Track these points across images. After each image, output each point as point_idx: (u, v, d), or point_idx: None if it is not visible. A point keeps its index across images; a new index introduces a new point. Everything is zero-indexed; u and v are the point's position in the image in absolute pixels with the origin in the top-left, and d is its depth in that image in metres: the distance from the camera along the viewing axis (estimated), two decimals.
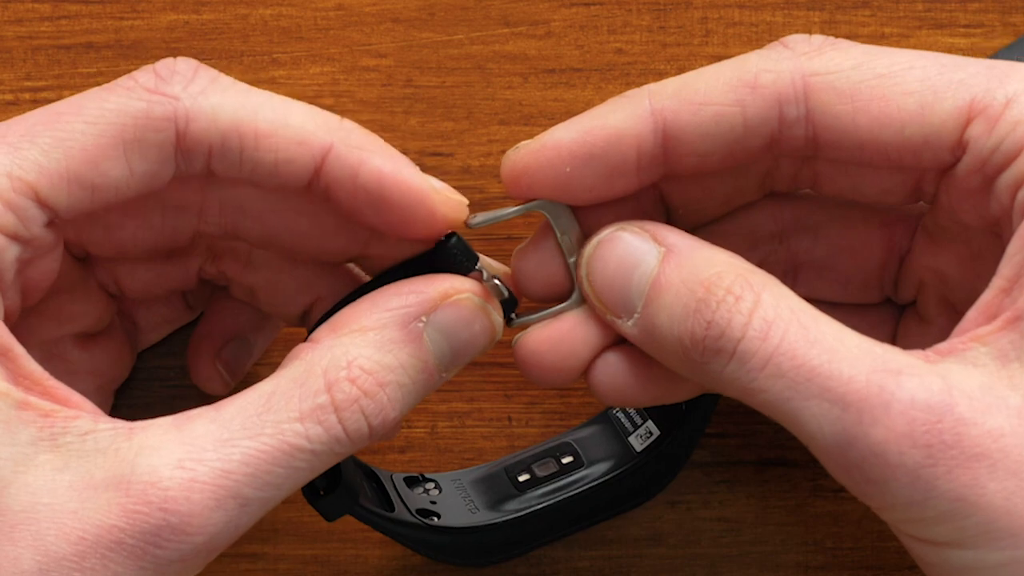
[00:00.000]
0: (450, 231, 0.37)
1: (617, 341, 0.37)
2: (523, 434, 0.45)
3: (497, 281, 0.37)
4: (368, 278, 0.40)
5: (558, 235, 0.37)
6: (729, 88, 0.35)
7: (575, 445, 0.43)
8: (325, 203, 0.37)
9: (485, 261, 0.38)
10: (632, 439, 0.43)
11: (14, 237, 0.34)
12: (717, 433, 0.45)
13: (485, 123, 0.47)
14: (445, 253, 0.37)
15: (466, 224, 0.37)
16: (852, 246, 0.39)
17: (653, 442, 0.42)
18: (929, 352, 0.33)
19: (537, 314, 0.38)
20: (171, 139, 0.35)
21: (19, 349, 0.33)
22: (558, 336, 0.37)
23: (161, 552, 0.32)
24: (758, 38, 0.47)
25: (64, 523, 0.31)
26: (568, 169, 0.36)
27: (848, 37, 0.37)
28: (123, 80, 0.35)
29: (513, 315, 0.38)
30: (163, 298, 0.42)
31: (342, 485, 0.37)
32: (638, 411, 0.43)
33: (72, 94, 0.35)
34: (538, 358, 0.37)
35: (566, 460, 0.43)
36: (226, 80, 0.36)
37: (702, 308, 0.34)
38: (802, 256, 0.40)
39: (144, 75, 0.35)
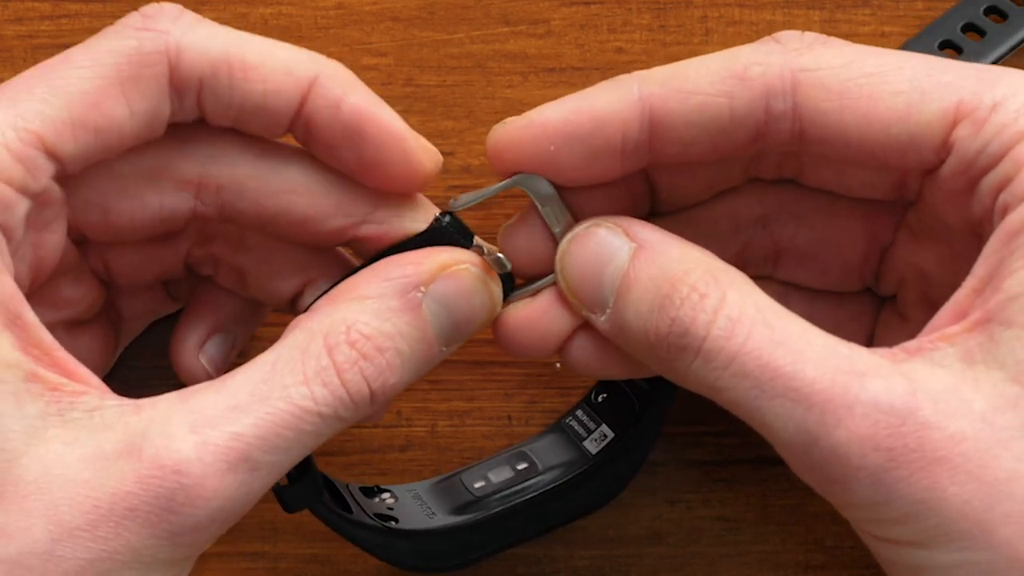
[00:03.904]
0: (443, 210, 0.38)
1: None
2: (523, 433, 0.45)
3: (500, 255, 0.37)
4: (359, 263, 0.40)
5: (539, 208, 0.37)
6: (718, 79, 0.35)
7: (530, 454, 0.43)
8: (320, 177, 0.38)
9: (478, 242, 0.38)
10: (587, 443, 0.43)
11: (23, 191, 0.34)
12: (716, 432, 0.45)
13: (485, 122, 0.47)
14: (440, 232, 0.38)
15: (449, 206, 0.38)
16: (835, 236, 0.39)
17: (608, 444, 0.42)
18: (896, 351, 0.33)
19: (523, 289, 0.38)
20: (165, 72, 0.35)
21: (31, 316, 0.33)
22: (536, 315, 0.37)
23: (175, 519, 0.32)
24: (758, 37, 0.46)
25: (77, 492, 0.31)
26: (552, 148, 0.36)
27: (848, 36, 0.37)
28: (111, 25, 0.36)
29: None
30: (149, 286, 0.42)
31: (309, 476, 0.37)
32: (591, 417, 0.43)
33: None
34: (517, 335, 0.38)
35: (521, 467, 0.43)
36: (210, 21, 0.36)
37: (666, 304, 0.34)
38: (784, 242, 0.40)
39: (131, 17, 0.36)
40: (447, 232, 0.38)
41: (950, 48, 0.46)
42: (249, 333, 0.44)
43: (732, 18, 0.47)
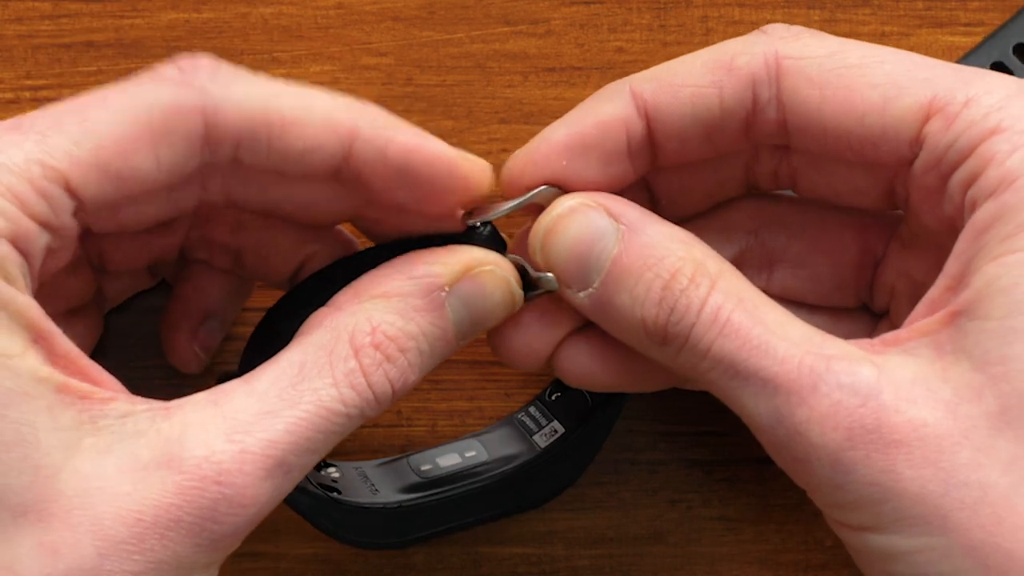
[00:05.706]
0: (480, 219, 0.38)
1: (584, 325, 0.38)
2: None
3: (521, 259, 0.38)
4: (354, 239, 0.41)
5: None
6: (706, 70, 0.36)
7: (479, 443, 0.43)
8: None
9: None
10: (536, 437, 0.43)
11: (45, 225, 0.34)
12: (717, 431, 0.45)
13: (486, 122, 0.47)
14: (475, 240, 0.38)
15: (463, 222, 0.38)
16: (827, 247, 0.40)
17: (557, 439, 0.42)
18: (875, 342, 0.34)
19: (534, 292, 0.38)
20: (199, 129, 0.35)
21: (55, 329, 0.33)
22: (525, 320, 0.38)
23: (217, 527, 0.32)
24: None
25: (120, 505, 0.31)
26: (565, 163, 0.37)
27: (848, 36, 0.37)
28: (147, 73, 0.35)
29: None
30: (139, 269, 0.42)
31: None
32: (543, 413, 0.44)
33: (73, 93, 0.35)
34: (506, 340, 0.38)
35: (469, 454, 0.43)
36: (246, 73, 0.36)
37: (667, 295, 0.35)
38: (778, 254, 0.40)
39: (168, 69, 0.35)
40: (484, 241, 0.38)
41: (1002, 71, 0.45)
42: (235, 312, 0.44)
43: (732, 18, 0.47)
